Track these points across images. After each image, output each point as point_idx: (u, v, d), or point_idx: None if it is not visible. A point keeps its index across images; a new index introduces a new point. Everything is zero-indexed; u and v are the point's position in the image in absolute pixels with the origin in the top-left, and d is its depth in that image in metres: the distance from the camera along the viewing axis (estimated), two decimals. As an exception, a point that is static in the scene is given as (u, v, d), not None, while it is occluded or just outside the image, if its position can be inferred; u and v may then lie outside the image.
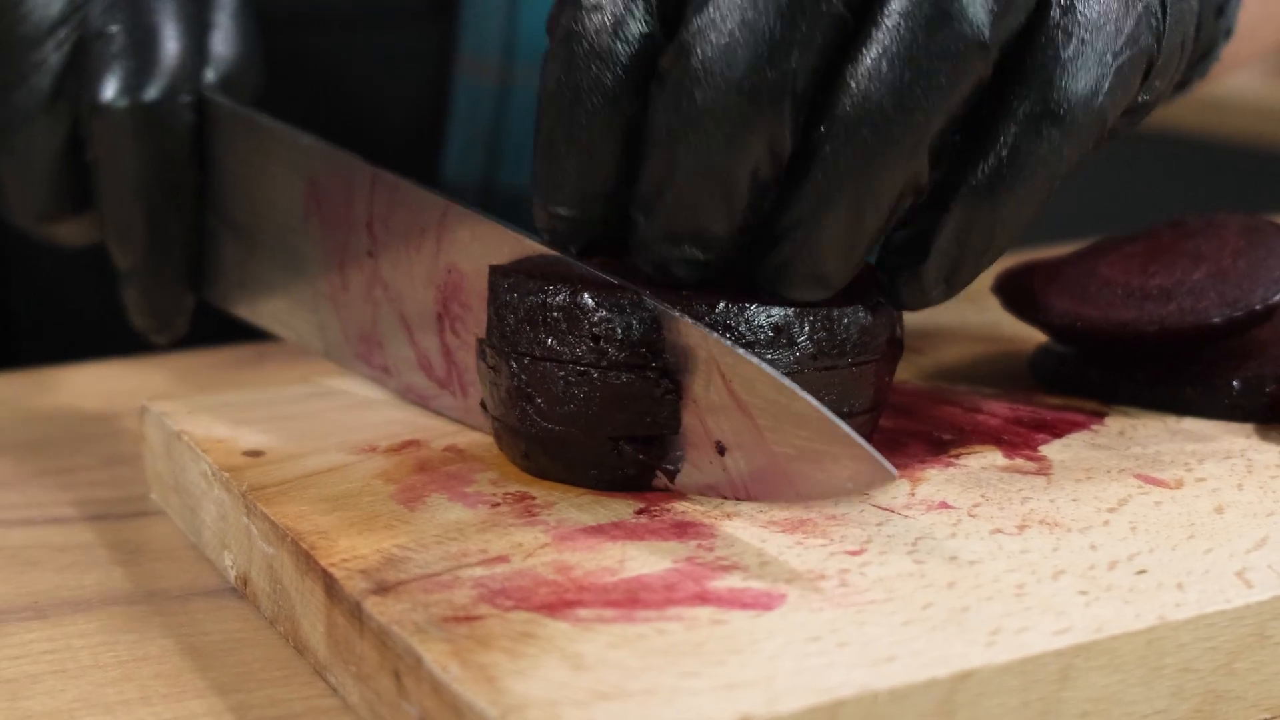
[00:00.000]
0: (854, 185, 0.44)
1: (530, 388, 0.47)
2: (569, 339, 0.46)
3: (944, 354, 0.62)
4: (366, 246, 0.54)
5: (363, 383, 0.57)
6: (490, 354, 0.48)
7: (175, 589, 0.49)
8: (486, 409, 0.50)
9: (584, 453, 0.47)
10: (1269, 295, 0.54)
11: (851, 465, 0.43)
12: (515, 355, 0.47)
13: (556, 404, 0.46)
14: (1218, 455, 0.50)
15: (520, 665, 0.37)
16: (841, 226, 0.45)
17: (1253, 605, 0.41)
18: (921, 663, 0.37)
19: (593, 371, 0.46)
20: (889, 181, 0.45)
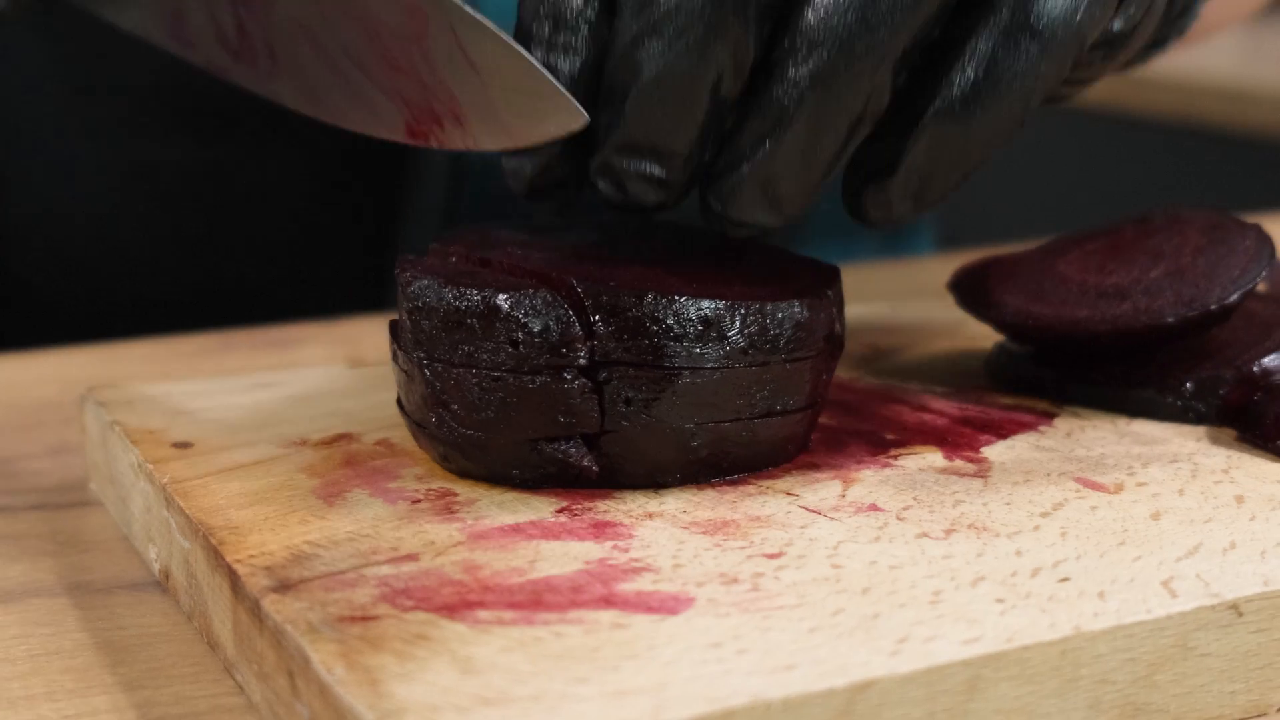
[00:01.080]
0: (813, 101, 0.43)
1: (445, 394, 0.46)
2: (485, 345, 0.45)
3: (903, 351, 0.61)
4: None
5: (309, 373, 0.57)
6: (402, 358, 0.47)
7: (100, 581, 0.48)
8: (403, 407, 0.49)
9: (503, 455, 0.46)
10: (1225, 295, 0.52)
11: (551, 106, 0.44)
12: (430, 362, 0.46)
13: (473, 410, 0.45)
14: (1164, 459, 0.49)
15: (408, 668, 0.36)
16: (798, 144, 0.44)
17: (1175, 616, 0.40)
18: (821, 671, 0.36)
19: (509, 376, 0.45)
20: (849, 101, 0.43)
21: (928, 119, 0.45)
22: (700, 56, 0.43)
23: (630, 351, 0.45)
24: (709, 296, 0.46)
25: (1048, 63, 0.45)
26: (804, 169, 0.44)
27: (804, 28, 0.43)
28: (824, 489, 0.47)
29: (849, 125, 0.44)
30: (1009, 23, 0.44)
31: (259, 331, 0.72)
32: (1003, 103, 0.45)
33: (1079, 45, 0.45)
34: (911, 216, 0.47)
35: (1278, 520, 0.45)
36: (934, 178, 0.46)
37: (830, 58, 0.43)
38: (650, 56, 0.43)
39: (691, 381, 0.45)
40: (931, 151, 0.45)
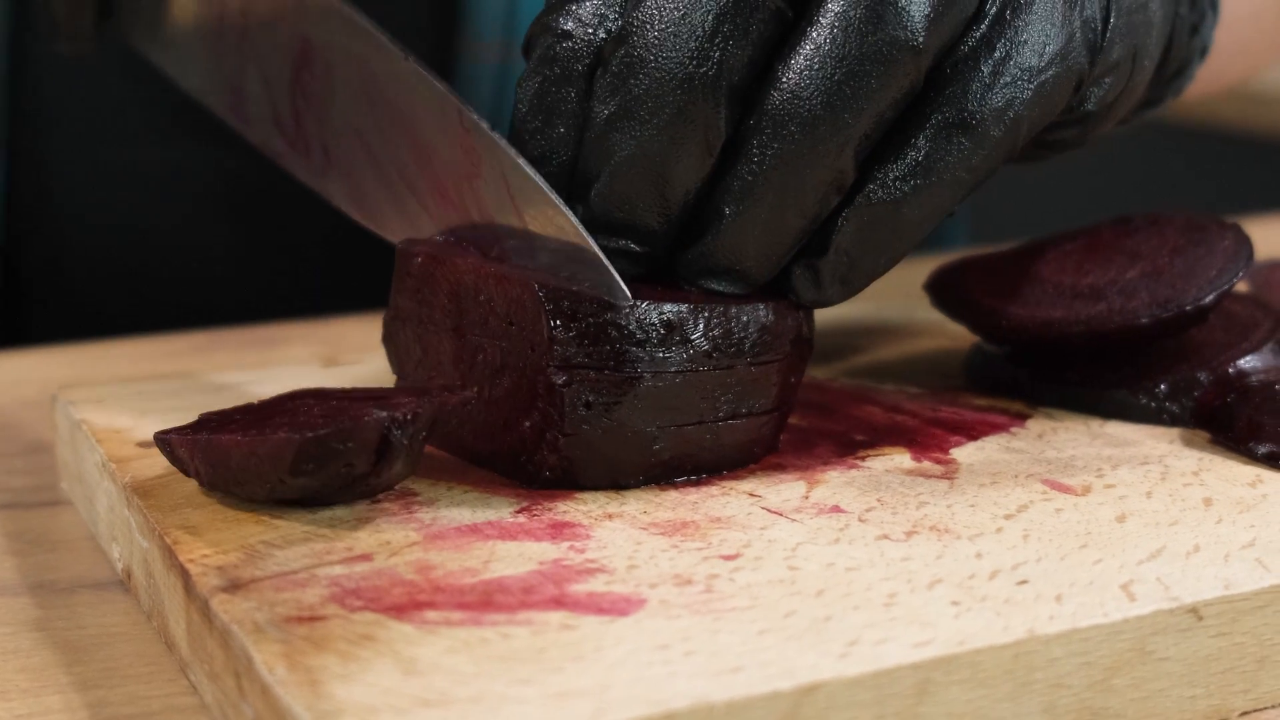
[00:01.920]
0: (778, 179, 0.44)
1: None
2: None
3: (881, 351, 0.60)
4: (239, 5, 0.55)
5: (282, 372, 0.57)
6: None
7: (64, 581, 0.48)
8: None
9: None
10: (1201, 296, 0.52)
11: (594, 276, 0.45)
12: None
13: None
14: (1134, 461, 0.49)
15: (350, 669, 0.36)
16: (763, 219, 0.45)
17: (1132, 620, 0.39)
18: (767, 674, 0.36)
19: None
20: (812, 178, 0.44)
21: (860, 203, 0.46)
22: (672, 138, 0.44)
23: (591, 357, 0.44)
24: (672, 300, 0.45)
25: (979, 157, 0.46)
26: (769, 243, 0.46)
27: (771, 107, 0.44)
28: (787, 490, 0.46)
29: (815, 202, 0.45)
30: (946, 118, 0.45)
31: (246, 330, 0.72)
32: (932, 192, 0.46)
33: (1014, 142, 0.46)
34: (839, 298, 0.47)
35: (1245, 523, 0.44)
36: (862, 261, 0.46)
37: (795, 138, 0.44)
38: (624, 138, 0.44)
39: (654, 385, 0.45)
40: (861, 235, 0.46)
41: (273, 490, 0.43)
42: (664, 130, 0.44)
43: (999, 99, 0.45)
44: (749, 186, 0.45)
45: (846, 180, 0.45)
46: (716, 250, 0.46)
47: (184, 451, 0.45)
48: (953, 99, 0.45)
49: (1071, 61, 0.47)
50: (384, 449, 0.43)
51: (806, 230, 0.46)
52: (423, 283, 0.48)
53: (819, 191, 0.45)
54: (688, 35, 0.44)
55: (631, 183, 0.45)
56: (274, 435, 0.42)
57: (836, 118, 0.44)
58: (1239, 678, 0.41)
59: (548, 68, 0.46)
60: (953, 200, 0.46)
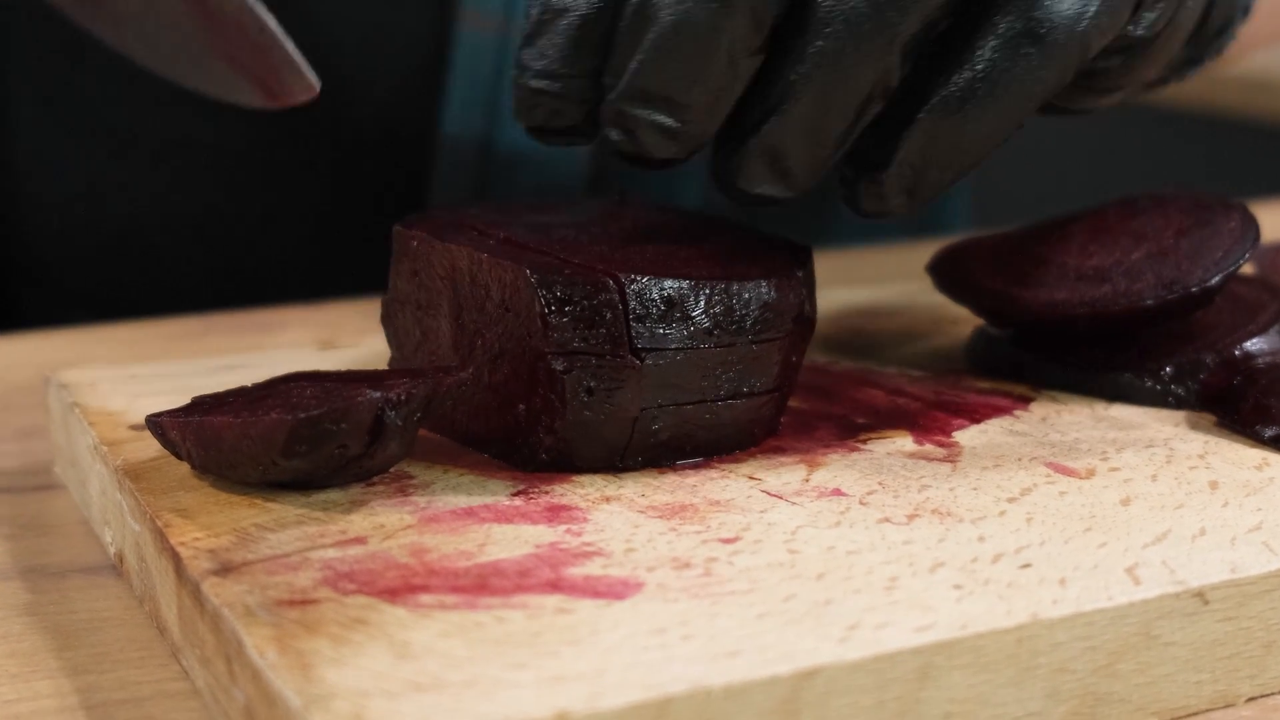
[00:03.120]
0: (823, 76, 0.43)
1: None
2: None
3: (883, 334, 0.60)
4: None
5: (277, 355, 0.56)
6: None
7: (56, 565, 0.48)
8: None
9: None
10: (1207, 278, 0.51)
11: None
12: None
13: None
14: (1139, 444, 0.48)
15: (341, 653, 0.35)
16: (807, 117, 0.44)
17: (1137, 604, 0.38)
18: (765, 659, 0.35)
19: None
20: (857, 77, 0.44)
21: (924, 114, 0.45)
22: (720, 9, 0.43)
23: (587, 341, 0.44)
24: (673, 275, 0.45)
25: (1048, 69, 0.45)
26: (811, 144, 0.44)
27: (817, 5, 0.43)
28: (788, 473, 0.46)
29: (857, 104, 0.44)
30: (1013, 25, 0.44)
31: (241, 315, 0.72)
32: (999, 105, 0.45)
33: (1083, 53, 0.45)
34: (906, 210, 0.46)
35: (1251, 506, 0.44)
36: (927, 173, 0.46)
37: (840, 37, 0.43)
38: (669, 4, 0.43)
39: (654, 365, 0.44)
40: (926, 147, 0.45)
41: (265, 472, 0.43)
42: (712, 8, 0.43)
43: (1068, 7, 0.44)
44: (792, 84, 0.44)
45: (892, 82, 0.44)
46: (759, 148, 0.45)
47: (175, 434, 0.44)
48: (1020, 6, 0.44)
49: None
50: (378, 430, 0.42)
51: (849, 132, 0.45)
52: (420, 265, 0.48)
53: (863, 92, 0.44)
54: None
55: (674, 52, 0.43)
56: (266, 417, 0.42)
57: (881, 16, 0.43)
58: (1245, 663, 0.40)
59: None
60: (1019, 114, 0.45)
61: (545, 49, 0.45)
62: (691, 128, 0.44)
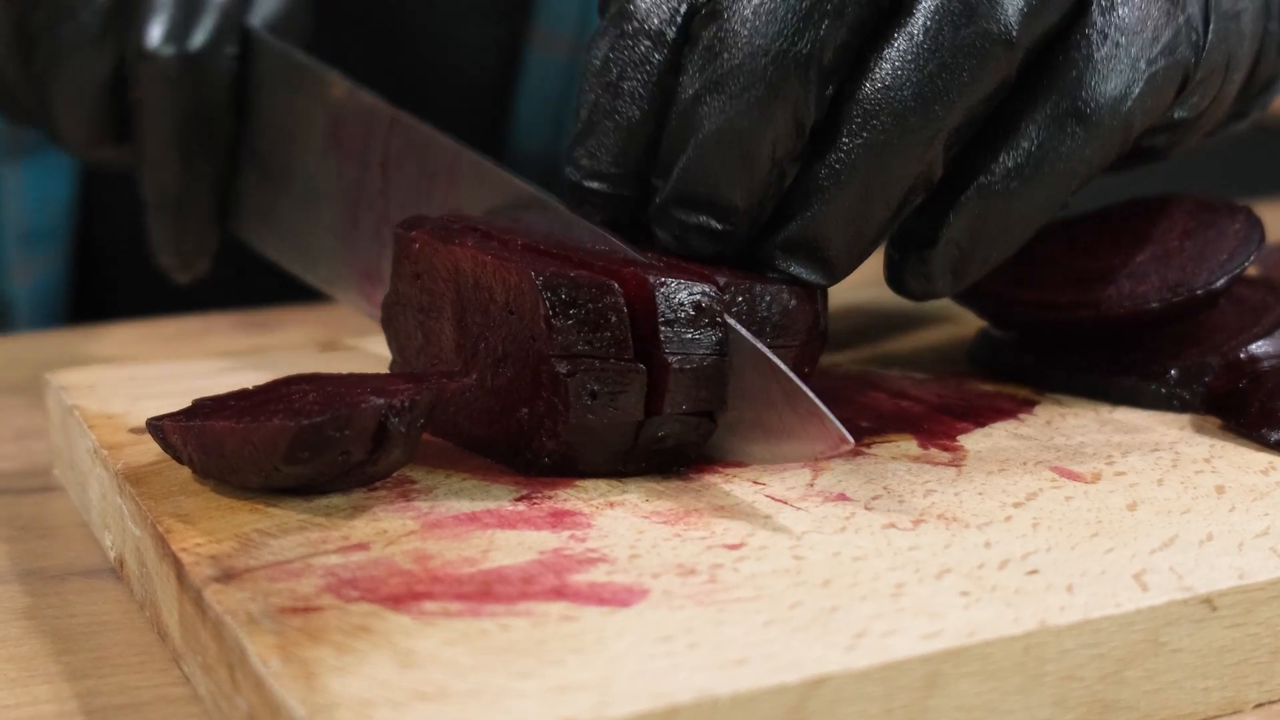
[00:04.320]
0: (865, 169, 0.44)
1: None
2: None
3: (886, 337, 0.60)
4: (379, 186, 0.54)
5: (278, 357, 0.56)
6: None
7: (55, 568, 0.48)
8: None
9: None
10: (1212, 280, 0.51)
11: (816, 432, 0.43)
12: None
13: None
14: (1144, 448, 0.48)
15: (345, 661, 0.35)
16: (849, 209, 0.45)
17: (1145, 610, 0.38)
18: (773, 667, 0.35)
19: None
20: (901, 170, 0.44)
21: (971, 194, 0.45)
22: (761, 115, 0.44)
23: (592, 344, 0.43)
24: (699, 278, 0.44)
25: (1093, 148, 0.45)
26: (852, 234, 0.45)
27: (862, 97, 0.44)
28: (792, 478, 0.45)
29: (900, 195, 0.45)
30: (1059, 106, 0.45)
31: (240, 314, 0.72)
32: (1045, 184, 0.45)
33: (1127, 134, 0.46)
34: (950, 289, 0.47)
35: (1258, 511, 0.43)
36: (974, 252, 0.46)
37: (885, 130, 0.44)
38: (712, 112, 0.44)
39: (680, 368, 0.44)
40: (973, 226, 0.46)
41: (267, 478, 0.42)
42: (755, 105, 0.44)
43: (1114, 87, 0.45)
44: (837, 175, 0.44)
45: (935, 174, 0.45)
46: (801, 236, 0.45)
47: (177, 438, 0.44)
48: (1067, 87, 0.45)
49: (1179, 56, 0.46)
50: (381, 436, 0.42)
51: (891, 222, 0.45)
52: (422, 268, 0.48)
53: (906, 183, 0.44)
54: (784, 12, 0.44)
55: (718, 157, 0.44)
56: (269, 422, 0.41)
57: (927, 110, 0.44)
58: (1253, 669, 0.40)
59: (624, 22, 0.46)
60: (1064, 192, 0.46)
61: (594, 149, 0.47)
62: (737, 230, 0.46)
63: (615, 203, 0.47)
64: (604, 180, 0.47)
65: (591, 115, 0.47)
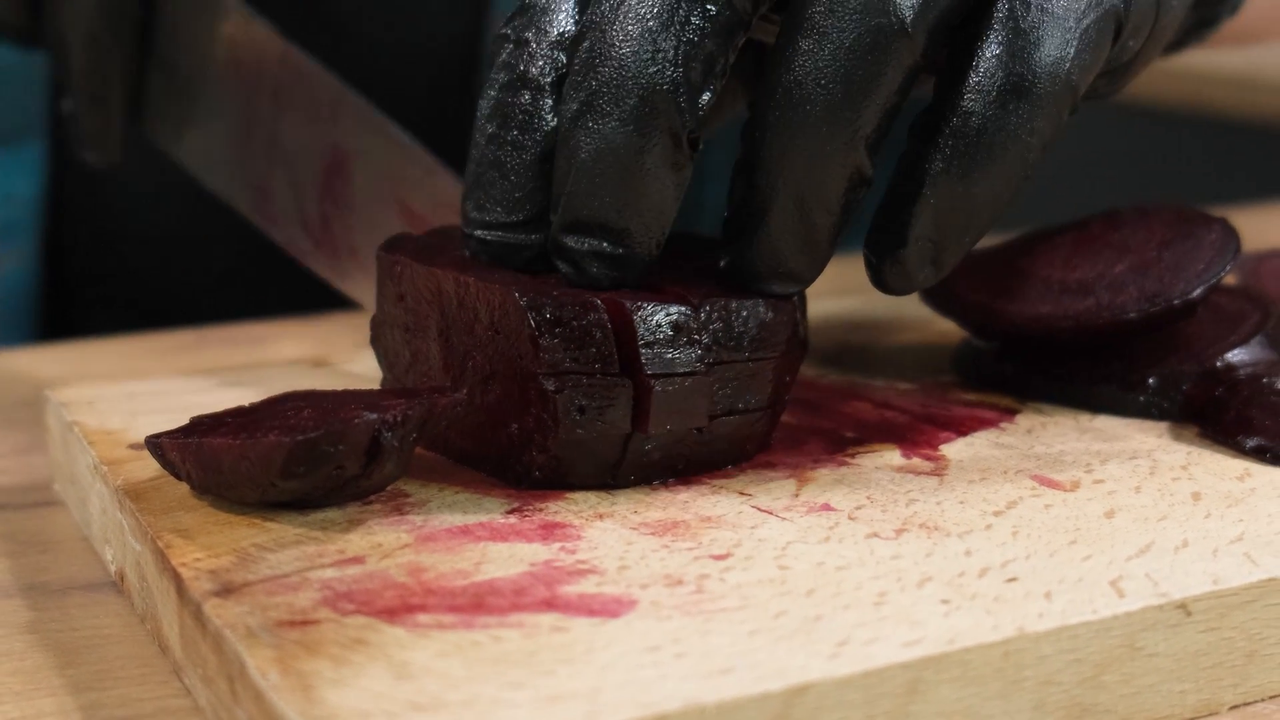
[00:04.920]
0: (793, 185, 0.44)
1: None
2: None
3: (872, 346, 0.61)
4: (270, 110, 0.58)
5: (274, 373, 0.57)
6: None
7: (57, 582, 0.48)
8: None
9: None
10: (1189, 290, 0.52)
11: None
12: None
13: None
14: (1123, 456, 0.49)
15: (342, 674, 0.36)
16: (792, 226, 0.45)
17: (1121, 616, 0.39)
18: (758, 675, 0.36)
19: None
20: (827, 178, 0.44)
21: (928, 190, 0.45)
22: (635, 131, 0.43)
23: (578, 361, 0.44)
24: (674, 299, 0.45)
25: (1041, 118, 0.45)
26: (806, 244, 0.45)
27: (771, 119, 0.44)
28: (778, 488, 0.46)
29: (839, 200, 0.45)
30: (996, 85, 0.44)
31: (234, 328, 0.72)
32: (1001, 164, 0.45)
33: (1073, 97, 0.46)
34: (934, 279, 0.47)
35: (1233, 518, 0.44)
36: (946, 243, 0.46)
37: (801, 146, 0.44)
38: (589, 134, 0.44)
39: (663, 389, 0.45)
40: (939, 220, 0.46)
41: (264, 493, 0.43)
42: (626, 123, 0.43)
43: (1049, 53, 0.44)
44: (768, 197, 0.45)
45: (867, 171, 0.45)
46: (757, 259, 0.46)
47: (175, 455, 0.45)
48: (999, 63, 0.44)
49: (1108, 5, 0.46)
50: (374, 451, 0.43)
51: (840, 223, 0.45)
52: (405, 289, 0.48)
53: (840, 188, 0.44)
54: (642, 30, 0.43)
55: (599, 178, 0.44)
56: (264, 439, 0.42)
57: (836, 117, 0.43)
58: (1228, 672, 0.41)
59: (505, 73, 0.46)
60: (1023, 167, 0.45)
61: (482, 201, 0.47)
62: (634, 249, 0.45)
63: (511, 249, 0.47)
64: (494, 229, 0.47)
65: (478, 168, 0.47)
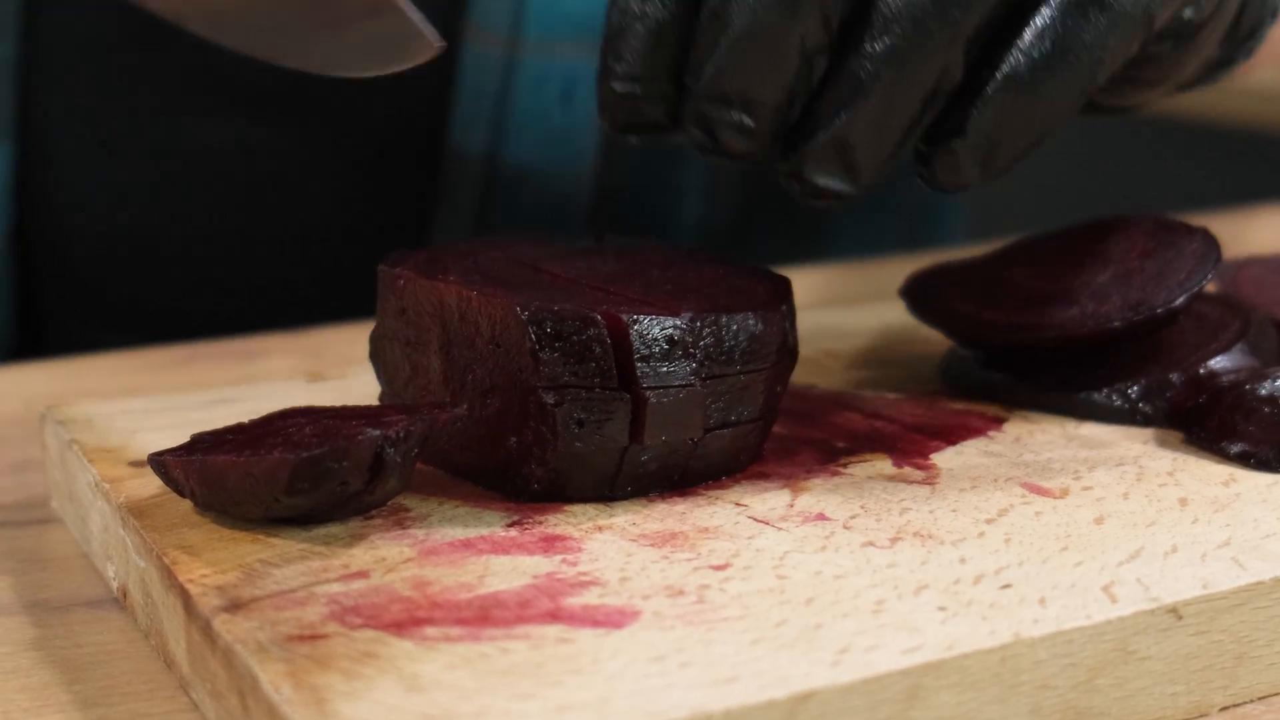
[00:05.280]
0: (887, 76, 0.45)
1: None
2: None
3: (859, 357, 0.61)
4: None
5: (269, 388, 0.57)
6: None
7: (58, 599, 0.49)
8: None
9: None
10: (1172, 298, 0.53)
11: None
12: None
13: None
14: (1110, 462, 0.50)
15: (354, 687, 0.37)
16: (874, 115, 0.46)
17: (1114, 621, 0.40)
18: (762, 683, 0.37)
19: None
20: (921, 74, 0.46)
21: (996, 85, 0.46)
22: (789, 11, 0.45)
23: (578, 375, 0.45)
24: (669, 313, 0.46)
25: (1115, 36, 0.47)
26: (878, 139, 0.46)
27: (882, 4, 0.45)
28: (773, 498, 0.47)
29: (921, 99, 0.46)
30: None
31: (225, 343, 0.73)
32: (1070, 72, 0.46)
33: (1148, 23, 0.47)
34: (981, 181, 0.48)
35: (1220, 523, 0.45)
36: (1002, 144, 0.47)
37: (905, 35, 0.45)
38: (742, 10, 0.45)
39: (658, 401, 0.46)
40: (999, 118, 0.47)
41: (268, 509, 0.44)
42: (782, 3, 0.45)
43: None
44: (860, 82, 0.46)
45: (956, 76, 0.46)
46: (828, 144, 0.46)
47: (179, 473, 0.45)
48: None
49: None
50: (378, 466, 0.43)
51: (915, 126, 0.47)
52: (407, 303, 0.49)
53: (927, 87, 0.46)
54: None
55: (749, 55, 0.46)
56: (269, 456, 0.43)
57: (945, 14, 0.45)
58: (1218, 674, 0.42)
59: None
60: (1089, 80, 0.47)
61: (624, 52, 0.47)
62: (767, 124, 0.47)
63: (647, 104, 0.48)
64: (634, 81, 0.48)
65: (620, 20, 0.47)
